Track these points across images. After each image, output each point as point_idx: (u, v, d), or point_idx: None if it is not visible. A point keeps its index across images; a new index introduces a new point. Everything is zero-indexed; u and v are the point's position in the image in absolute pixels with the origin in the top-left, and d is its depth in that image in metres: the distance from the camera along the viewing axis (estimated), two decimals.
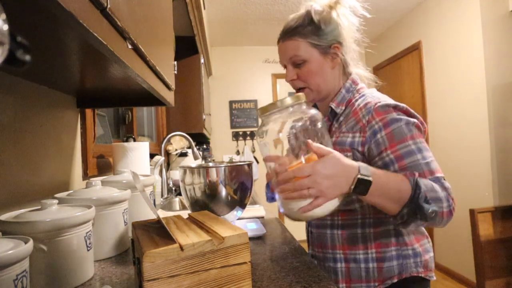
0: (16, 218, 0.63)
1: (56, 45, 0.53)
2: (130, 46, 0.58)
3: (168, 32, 1.03)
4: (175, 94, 1.26)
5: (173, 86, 1.08)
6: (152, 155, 1.64)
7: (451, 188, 0.74)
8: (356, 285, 0.84)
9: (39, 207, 0.67)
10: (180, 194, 1.92)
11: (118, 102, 1.16)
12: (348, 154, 0.81)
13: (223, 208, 0.95)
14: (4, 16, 0.21)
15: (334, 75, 0.91)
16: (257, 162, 4.17)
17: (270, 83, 4.46)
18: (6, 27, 0.21)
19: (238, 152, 4.35)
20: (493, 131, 2.63)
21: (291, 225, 2.13)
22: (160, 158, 1.61)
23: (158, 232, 0.58)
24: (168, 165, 2.53)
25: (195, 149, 1.88)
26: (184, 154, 2.52)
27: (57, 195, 0.84)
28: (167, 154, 2.57)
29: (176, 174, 2.10)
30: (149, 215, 1.00)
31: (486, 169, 2.67)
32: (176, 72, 1.25)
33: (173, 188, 2.01)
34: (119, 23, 0.49)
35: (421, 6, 3.37)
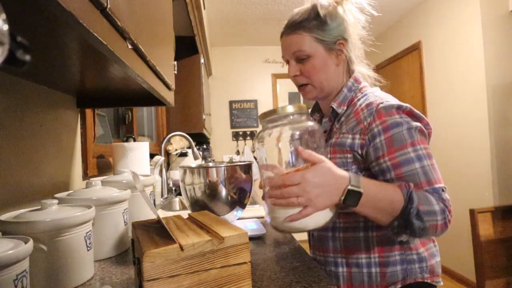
0: (16, 218, 0.63)
1: (56, 45, 0.53)
2: (130, 46, 0.58)
3: (168, 32, 1.03)
4: (175, 94, 1.26)
5: (173, 86, 1.08)
6: (152, 155, 1.64)
7: (450, 200, 0.72)
8: None
9: (39, 207, 0.67)
10: (180, 194, 1.92)
11: (118, 102, 1.16)
12: (349, 155, 0.79)
13: (223, 208, 0.95)
14: (4, 16, 0.21)
15: (338, 72, 0.88)
16: (257, 162, 4.16)
17: (270, 83, 4.45)
18: (6, 27, 0.21)
19: (238, 152, 4.35)
20: (493, 131, 2.63)
21: None
22: (160, 158, 1.61)
23: (158, 232, 0.58)
24: (168, 165, 2.53)
25: (195, 149, 1.88)
26: (184, 154, 2.53)
27: (57, 195, 0.84)
28: (167, 154, 2.57)
29: (176, 174, 2.10)
30: (149, 215, 1.00)
31: (486, 169, 2.67)
32: (176, 72, 1.25)
33: (173, 188, 2.01)
34: (119, 23, 0.49)
35: (421, 6, 3.37)
